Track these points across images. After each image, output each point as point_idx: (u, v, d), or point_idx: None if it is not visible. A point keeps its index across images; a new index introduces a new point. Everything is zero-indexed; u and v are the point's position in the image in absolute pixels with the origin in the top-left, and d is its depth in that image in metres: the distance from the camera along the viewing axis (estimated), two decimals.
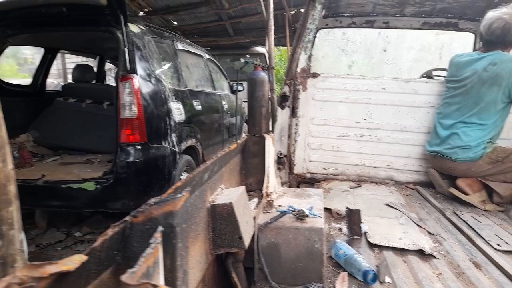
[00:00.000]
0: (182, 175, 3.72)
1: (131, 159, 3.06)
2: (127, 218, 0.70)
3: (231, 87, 5.94)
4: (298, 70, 2.87)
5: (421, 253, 1.70)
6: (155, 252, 0.58)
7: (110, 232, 0.64)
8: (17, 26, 3.49)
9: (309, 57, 2.88)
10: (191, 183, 1.01)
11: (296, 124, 2.92)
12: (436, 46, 3.54)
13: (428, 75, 3.26)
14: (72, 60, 8.92)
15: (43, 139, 3.98)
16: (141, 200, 3.25)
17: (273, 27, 4.70)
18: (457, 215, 2.19)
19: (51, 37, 3.82)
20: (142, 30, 3.51)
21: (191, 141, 3.90)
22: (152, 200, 0.76)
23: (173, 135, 3.52)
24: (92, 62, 5.86)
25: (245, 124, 6.60)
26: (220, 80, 5.65)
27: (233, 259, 1.36)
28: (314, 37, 2.91)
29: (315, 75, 2.89)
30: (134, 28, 3.37)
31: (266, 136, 1.94)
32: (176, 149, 3.54)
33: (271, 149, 1.90)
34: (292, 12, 6.83)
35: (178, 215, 0.77)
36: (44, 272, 0.44)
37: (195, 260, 1.02)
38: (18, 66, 13.74)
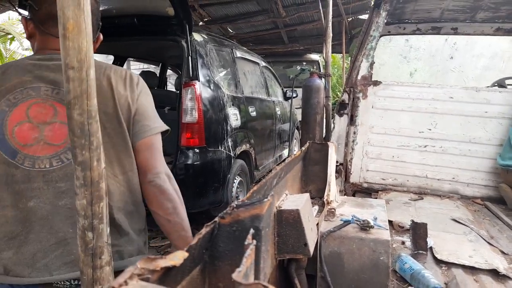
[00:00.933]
0: (235, 179, 3.79)
1: (189, 162, 3.18)
2: (216, 219, 0.74)
3: (284, 93, 5.98)
4: (359, 77, 2.82)
5: (494, 274, 1.59)
6: (252, 254, 0.61)
7: (203, 231, 0.68)
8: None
9: (371, 64, 2.82)
10: (263, 188, 1.03)
11: (354, 132, 2.87)
12: (511, 53, 3.29)
13: (501, 84, 3.05)
14: (135, 67, 9.46)
15: None
16: (197, 201, 3.38)
17: (331, 34, 4.67)
18: None
19: (121, 45, 4.09)
20: (205, 38, 3.65)
21: (245, 146, 3.97)
22: (235, 203, 0.79)
23: (229, 139, 3.61)
24: (153, 69, 6.19)
25: (296, 131, 6.59)
26: (274, 86, 5.71)
27: (296, 266, 1.36)
28: (376, 44, 2.85)
29: (376, 83, 2.82)
30: (197, 37, 3.52)
31: (330, 144, 1.93)
32: (231, 153, 3.62)
33: (334, 157, 1.89)
34: (349, 19, 6.73)
35: (264, 218, 0.79)
36: (157, 266, 0.48)
37: (268, 262, 1.04)
38: None
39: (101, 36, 1.30)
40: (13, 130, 1.04)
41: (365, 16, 7.01)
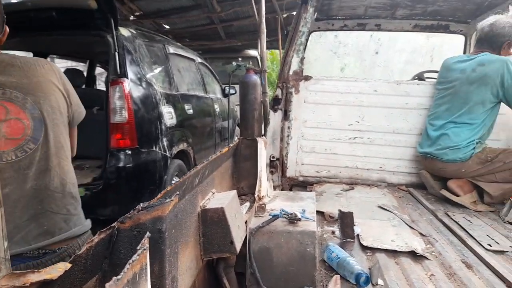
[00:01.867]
0: (173, 180, 3.69)
1: (121, 164, 3.02)
2: (114, 224, 0.68)
3: (223, 90, 5.93)
4: (291, 73, 2.87)
5: (413, 255, 1.69)
6: (142, 258, 0.57)
7: (96, 239, 0.62)
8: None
9: (302, 59, 2.88)
10: (181, 187, 0.99)
11: (289, 127, 2.91)
12: (428, 48, 3.56)
13: (420, 77, 3.28)
14: (62, 65, 8.83)
15: None
16: (131, 206, 3.19)
17: (265, 30, 4.71)
18: (448, 216, 2.19)
19: (40, 41, 3.77)
20: (133, 33, 3.48)
21: (182, 146, 3.87)
22: (140, 205, 0.75)
23: (164, 139, 3.49)
24: (82, 67, 5.81)
25: (237, 128, 6.59)
26: (212, 83, 5.64)
27: (224, 265, 1.34)
28: (307, 40, 2.91)
29: (307, 78, 2.89)
30: (124, 32, 3.34)
31: (258, 139, 1.93)
32: (167, 153, 3.51)
33: (263, 152, 1.89)
34: (284, 15, 6.85)
35: (167, 220, 0.75)
36: (26, 281, 0.42)
37: (185, 266, 1.00)
38: None
39: (7, 29, 1.33)
40: None
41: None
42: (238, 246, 1.25)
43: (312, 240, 1.43)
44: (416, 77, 3.32)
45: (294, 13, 7.05)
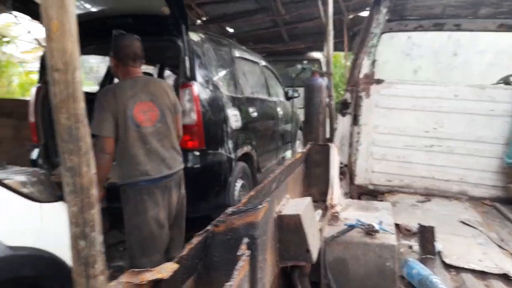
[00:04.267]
0: (237, 182, 3.72)
1: (189, 165, 3.11)
2: (209, 227, 0.68)
3: (286, 93, 5.90)
4: (361, 76, 2.75)
5: (506, 278, 1.52)
6: (245, 265, 0.55)
7: (195, 240, 0.62)
8: (85, 37, 3.72)
9: (373, 62, 2.76)
10: (261, 192, 0.97)
11: (358, 133, 2.80)
12: None
13: (506, 81, 2.97)
14: None
15: None
16: (198, 206, 3.30)
17: (332, 32, 4.59)
18: None
19: None
20: (202, 38, 3.58)
21: (246, 148, 3.89)
22: (230, 209, 0.73)
23: (230, 141, 3.53)
24: (152, 70, 6.12)
25: (299, 131, 6.52)
26: (275, 86, 5.63)
27: (299, 273, 1.29)
28: (378, 41, 2.78)
29: (379, 81, 2.75)
30: (194, 36, 3.45)
31: (331, 145, 1.86)
32: (232, 155, 3.55)
33: (336, 159, 1.82)
34: (351, 17, 6.65)
35: (259, 226, 0.73)
36: (143, 279, 0.43)
37: (268, 272, 0.97)
38: (85, 74, 14.79)
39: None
40: (136, 115, 2.17)
41: (366, 13, 6.93)
42: (314, 255, 1.20)
43: (392, 254, 1.34)
44: (502, 81, 3.02)
45: (361, 14, 6.85)
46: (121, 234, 3.71)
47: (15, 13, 5.37)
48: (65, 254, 1.52)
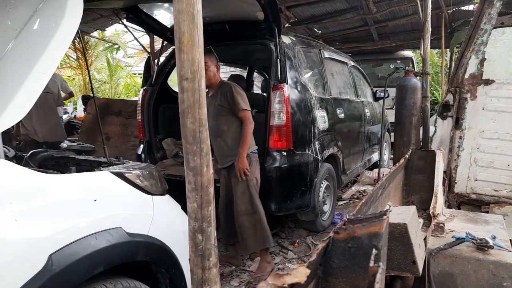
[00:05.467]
0: (322, 183, 3.70)
1: (277, 164, 3.18)
2: (331, 234, 0.70)
3: (374, 94, 5.69)
4: (466, 76, 2.53)
5: None
6: (382, 277, 0.56)
7: (320, 246, 0.65)
8: None
9: (481, 61, 2.52)
10: (370, 200, 0.96)
11: (460, 137, 2.58)
12: None
13: None
14: (222, 70, 9.83)
15: None
16: (284, 204, 3.36)
17: (430, 29, 4.29)
18: None
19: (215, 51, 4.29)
20: (293, 41, 3.63)
21: (332, 150, 3.85)
22: (347, 217, 0.75)
23: (317, 143, 3.53)
24: (239, 72, 6.37)
25: (387, 134, 6.23)
26: (363, 87, 5.46)
27: (401, 284, 1.25)
28: (488, 38, 2.54)
29: (488, 82, 2.51)
30: (286, 39, 3.52)
31: (437, 151, 1.75)
32: (319, 156, 3.54)
33: (441, 166, 1.71)
34: (450, 11, 6.13)
35: (383, 237, 0.73)
36: (285, 282, 0.46)
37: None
38: None
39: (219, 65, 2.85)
40: None
41: (468, 7, 6.32)
42: (420, 266, 1.16)
43: (510, 273, 1.22)
44: None
45: (463, 8, 6.27)
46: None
47: (125, 22, 6.03)
48: (172, 243, 1.67)
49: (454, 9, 6.12)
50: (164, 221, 1.69)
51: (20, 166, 1.27)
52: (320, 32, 7.30)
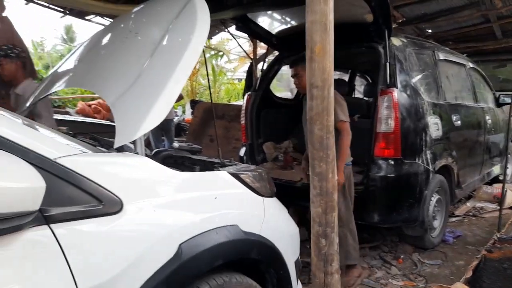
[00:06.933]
0: (433, 196, 3.41)
1: (383, 173, 3.03)
2: (483, 252, 0.65)
3: (496, 99, 5.04)
4: None
5: None
6: None
7: (474, 263, 0.61)
8: (291, 48, 4.10)
9: None
10: None
11: None
12: None
13: None
14: None
15: (301, 146, 4.51)
16: (389, 216, 3.18)
17: None
18: None
19: None
20: (404, 42, 3.44)
21: (446, 160, 3.53)
22: (497, 235, 0.68)
23: (428, 152, 3.27)
24: (339, 75, 6.23)
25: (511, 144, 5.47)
26: (483, 91, 4.89)
27: None
28: None
29: None
30: (396, 41, 3.34)
31: None
32: (430, 167, 3.28)
33: None
34: None
35: None
36: None
37: None
38: (278, 81, 16.34)
39: None
40: None
41: None
42: None
43: None
44: None
45: None
46: (307, 231, 3.93)
47: (231, 30, 6.41)
48: (280, 244, 1.71)
49: None
50: (273, 223, 1.74)
51: (158, 163, 1.44)
52: (430, 31, 6.74)
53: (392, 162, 3.05)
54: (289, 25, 4.15)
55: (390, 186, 3.04)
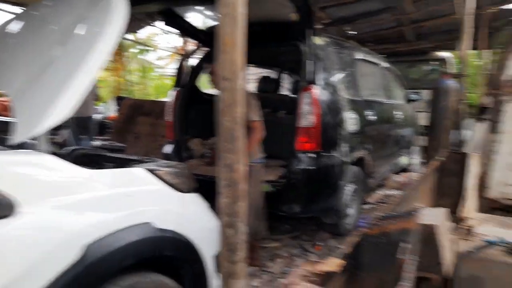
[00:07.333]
0: (349, 186, 3.64)
1: (304, 166, 3.17)
2: (363, 229, 0.72)
3: (406, 96, 5.55)
4: (506, 78, 2.44)
5: None
6: (411, 268, 0.57)
7: (352, 240, 0.67)
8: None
9: None
10: (399, 200, 0.96)
11: (497, 141, 2.48)
12: None
13: None
14: (251, 72, 9.87)
15: None
16: (308, 207, 3.35)
17: (468, 29, 4.13)
18: None
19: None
20: (325, 42, 3.61)
21: (361, 153, 3.79)
22: (382, 214, 0.76)
23: (345, 145, 3.49)
24: (267, 73, 6.35)
25: (419, 137, 6.05)
26: (395, 89, 5.34)
27: (426, 285, 1.24)
28: None
29: None
30: (317, 40, 3.49)
31: (470, 154, 1.71)
32: (346, 159, 3.50)
33: (473, 169, 1.67)
34: (490, 11, 5.86)
35: (412, 233, 0.74)
36: (320, 270, 0.49)
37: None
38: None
39: None
40: None
41: (511, 5, 6.01)
42: (446, 268, 1.14)
43: None
44: None
45: (504, 7, 5.97)
46: None
47: (158, 25, 6.22)
48: (198, 240, 1.71)
49: (496, 8, 5.85)
50: (192, 218, 1.73)
51: (63, 161, 1.35)
52: (353, 33, 7.19)
53: (312, 156, 3.20)
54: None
55: (310, 178, 3.19)
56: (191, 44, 7.74)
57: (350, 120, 3.59)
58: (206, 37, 4.18)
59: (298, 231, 3.72)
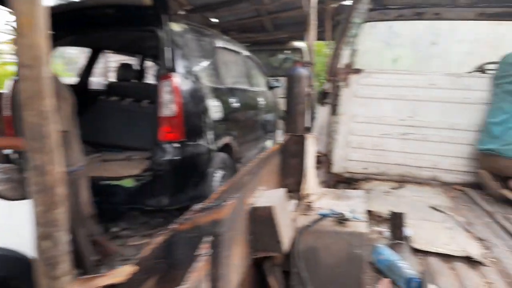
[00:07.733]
0: (217, 172, 3.73)
1: (169, 157, 3.11)
2: (174, 225, 0.70)
3: (268, 83, 5.91)
4: (341, 66, 2.78)
5: (469, 260, 1.59)
6: (205, 264, 0.57)
7: (157, 240, 0.64)
8: (66, 28, 3.65)
9: (353, 52, 2.79)
10: (235, 186, 0.99)
11: (336, 122, 2.84)
12: (493, 37, 3.28)
13: (482, 69, 3.05)
14: (113, 59, 9.21)
15: (85, 136, 4.13)
16: (177, 198, 3.31)
17: (314, 22, 4.58)
18: (509, 219, 2.04)
19: (97, 38, 3.95)
20: (184, 29, 3.55)
21: (227, 139, 3.89)
22: (197, 206, 0.76)
23: (210, 133, 3.53)
24: (132, 61, 6.02)
25: (280, 121, 6.55)
26: (257, 76, 5.63)
27: (270, 263, 1.33)
28: (359, 31, 2.82)
29: (358, 71, 2.79)
30: (175, 27, 3.41)
31: (307, 136, 1.90)
32: (212, 146, 3.55)
33: (311, 149, 1.86)
34: (333, 6, 6.64)
35: (224, 223, 0.76)
36: (95, 285, 0.44)
37: (235, 264, 1.01)
38: (65, 66, 14.49)
39: None
40: None
41: (349, 2, 6.87)
42: (285, 245, 1.24)
43: (361, 242, 1.39)
44: (478, 70, 3.09)
45: (344, 3, 6.84)
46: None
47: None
48: (33, 253, 1.51)
49: (337, 3, 6.64)
50: (25, 229, 1.51)
51: None
52: (216, 21, 7.28)
53: (177, 145, 3.15)
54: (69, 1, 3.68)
55: (176, 169, 3.14)
56: None
57: (214, 108, 3.63)
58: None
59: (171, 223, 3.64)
